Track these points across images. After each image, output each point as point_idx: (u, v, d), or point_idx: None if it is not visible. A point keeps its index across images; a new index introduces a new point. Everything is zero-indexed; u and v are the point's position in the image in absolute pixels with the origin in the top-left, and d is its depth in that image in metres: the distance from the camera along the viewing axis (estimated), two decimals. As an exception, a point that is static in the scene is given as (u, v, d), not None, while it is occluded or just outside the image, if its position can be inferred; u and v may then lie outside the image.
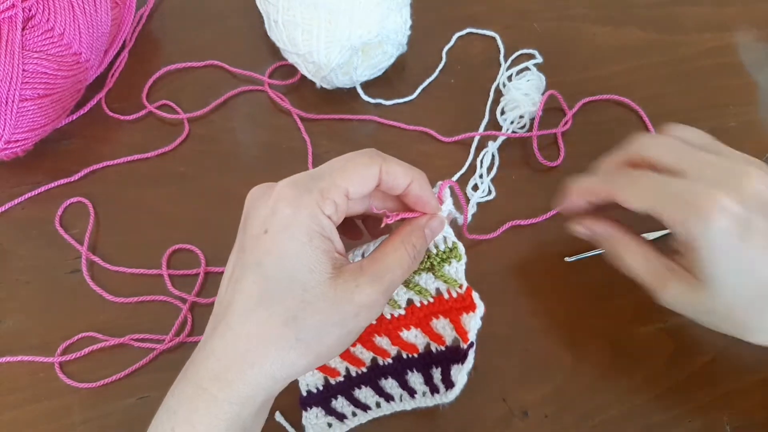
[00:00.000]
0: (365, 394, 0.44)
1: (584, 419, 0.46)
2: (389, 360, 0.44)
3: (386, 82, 0.60)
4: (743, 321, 0.40)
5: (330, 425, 0.44)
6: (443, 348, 0.42)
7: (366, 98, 0.59)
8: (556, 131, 0.56)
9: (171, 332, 0.49)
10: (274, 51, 0.60)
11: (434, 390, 0.43)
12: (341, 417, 0.44)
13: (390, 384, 0.44)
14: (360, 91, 0.58)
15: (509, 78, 0.59)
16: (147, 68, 0.61)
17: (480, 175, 0.55)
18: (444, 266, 0.41)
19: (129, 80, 0.61)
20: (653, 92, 0.59)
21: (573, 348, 0.48)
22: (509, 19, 0.63)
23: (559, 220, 0.50)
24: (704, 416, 0.46)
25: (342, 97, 0.59)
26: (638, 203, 0.40)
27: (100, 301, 0.51)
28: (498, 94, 0.59)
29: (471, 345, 0.41)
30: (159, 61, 0.62)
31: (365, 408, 0.44)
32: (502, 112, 0.58)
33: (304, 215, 0.34)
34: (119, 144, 0.58)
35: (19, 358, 0.49)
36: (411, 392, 0.44)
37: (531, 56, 0.60)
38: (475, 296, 0.41)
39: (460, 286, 0.41)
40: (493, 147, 0.56)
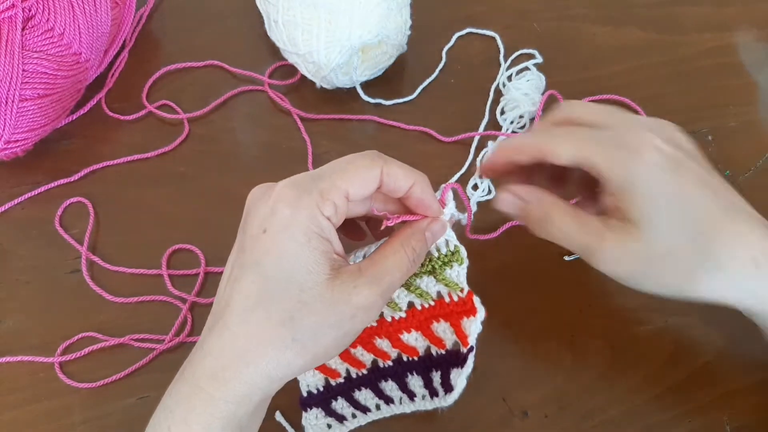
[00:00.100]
0: (365, 396, 0.44)
1: (584, 419, 0.46)
2: (389, 362, 0.43)
3: (386, 82, 0.59)
4: (685, 265, 0.38)
5: (330, 426, 0.44)
6: (443, 351, 0.42)
7: (366, 98, 0.58)
8: (556, 131, 0.56)
9: (171, 332, 0.49)
10: (274, 51, 0.60)
11: (433, 393, 0.43)
12: (341, 418, 0.44)
13: (390, 386, 0.44)
14: (360, 91, 0.58)
15: (509, 78, 0.59)
16: (147, 68, 0.61)
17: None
18: (445, 269, 0.40)
19: (129, 80, 0.61)
20: (653, 92, 0.59)
21: (573, 348, 0.48)
22: (509, 19, 0.63)
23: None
24: (704, 416, 0.46)
25: (342, 97, 0.59)
26: (569, 154, 0.39)
27: (100, 301, 0.51)
28: (498, 94, 0.59)
29: (471, 349, 0.40)
30: (159, 61, 0.62)
31: (365, 410, 0.44)
32: (502, 112, 0.58)
33: (303, 216, 0.34)
34: (119, 144, 0.58)
35: (19, 358, 0.49)
36: (411, 395, 0.44)
37: (531, 56, 0.60)
38: (476, 300, 0.40)
39: (462, 290, 0.41)
40: (493, 147, 0.56)
